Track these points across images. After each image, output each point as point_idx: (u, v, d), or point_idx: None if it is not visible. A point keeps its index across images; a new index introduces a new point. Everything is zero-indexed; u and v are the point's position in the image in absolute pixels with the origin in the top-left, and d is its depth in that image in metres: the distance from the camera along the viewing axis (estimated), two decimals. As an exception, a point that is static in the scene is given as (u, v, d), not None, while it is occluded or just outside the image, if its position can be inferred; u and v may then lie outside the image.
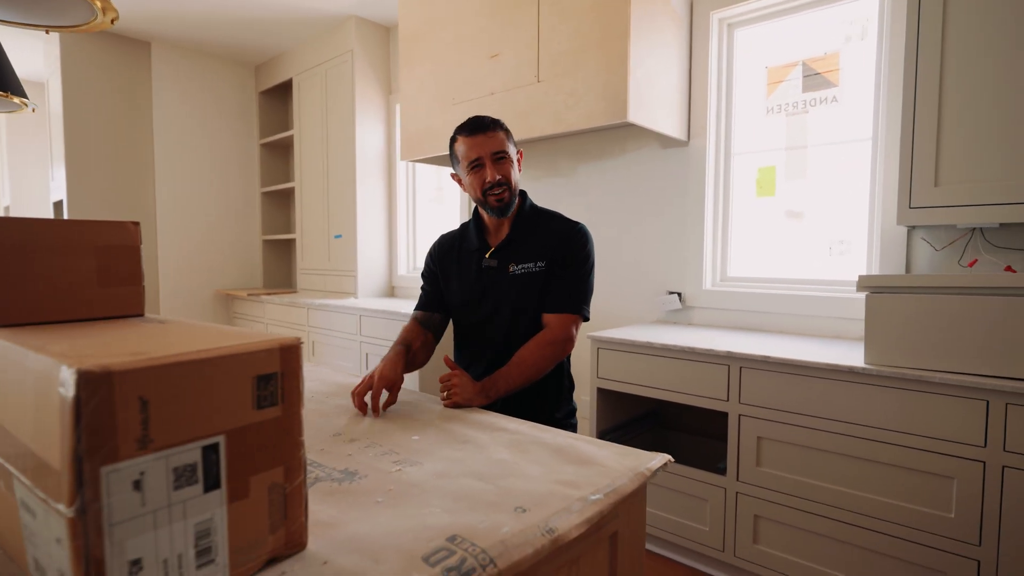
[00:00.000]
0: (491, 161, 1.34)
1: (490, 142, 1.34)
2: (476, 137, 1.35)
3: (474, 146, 1.35)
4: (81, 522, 0.41)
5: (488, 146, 1.34)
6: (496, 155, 1.34)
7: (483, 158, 1.34)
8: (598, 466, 0.81)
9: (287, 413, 0.54)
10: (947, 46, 1.60)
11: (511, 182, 1.35)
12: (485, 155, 1.34)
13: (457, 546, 0.58)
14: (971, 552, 1.43)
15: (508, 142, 1.38)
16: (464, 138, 1.37)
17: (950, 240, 1.82)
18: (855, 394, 1.58)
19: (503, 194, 1.34)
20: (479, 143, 1.34)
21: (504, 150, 1.35)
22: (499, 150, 1.34)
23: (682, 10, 2.32)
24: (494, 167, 1.33)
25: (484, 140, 1.34)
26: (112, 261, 0.70)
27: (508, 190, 1.35)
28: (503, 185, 1.34)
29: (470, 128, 1.36)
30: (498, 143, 1.34)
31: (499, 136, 1.35)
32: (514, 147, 1.41)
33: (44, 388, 0.45)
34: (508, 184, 1.35)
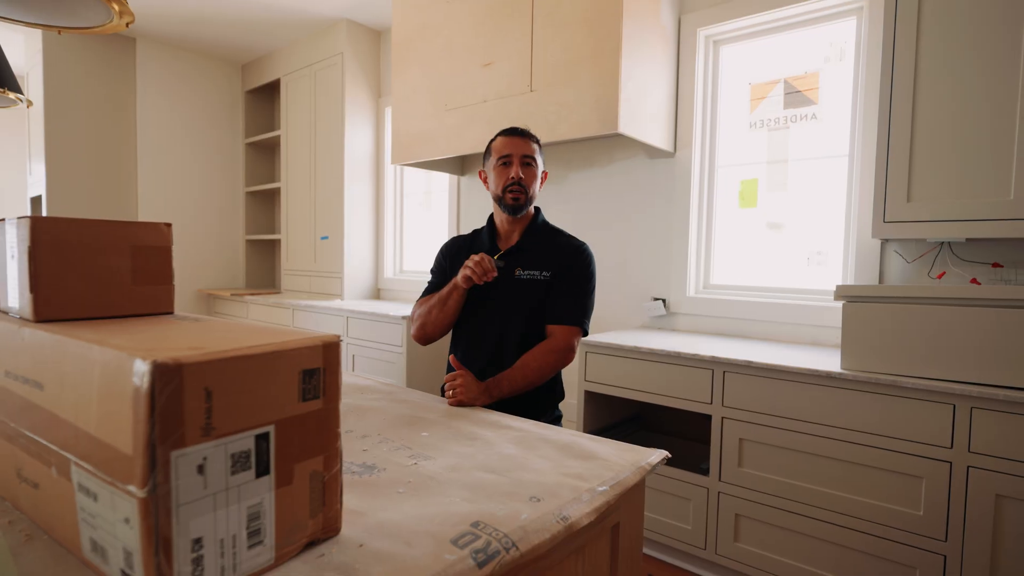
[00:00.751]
0: (519, 162, 1.45)
1: (523, 146, 1.47)
2: (513, 139, 1.48)
3: (509, 144, 1.47)
4: (152, 502, 0.45)
5: (521, 149, 1.46)
6: (525, 158, 1.46)
7: (513, 157, 1.46)
8: (602, 460, 0.86)
9: (327, 406, 0.58)
10: (920, 70, 1.70)
11: (529, 188, 1.47)
12: (516, 155, 1.46)
13: (481, 531, 0.62)
14: (938, 548, 1.52)
15: (539, 155, 1.51)
16: (503, 137, 1.50)
17: (920, 253, 1.92)
18: (832, 398, 1.67)
19: (520, 195, 1.45)
20: (514, 144, 1.47)
21: (533, 156, 1.48)
22: (529, 154, 1.47)
23: (670, 27, 2.40)
24: (520, 167, 1.45)
25: (519, 143, 1.47)
26: (146, 261, 0.73)
27: (525, 193, 1.46)
28: (523, 187, 1.45)
29: (510, 132, 1.50)
30: (530, 149, 1.48)
31: (532, 145, 1.49)
32: (542, 162, 1.53)
33: (112, 379, 0.48)
34: (526, 189, 1.46)
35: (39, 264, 0.64)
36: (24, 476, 0.62)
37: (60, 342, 0.56)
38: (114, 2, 1.06)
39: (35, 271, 0.64)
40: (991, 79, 1.59)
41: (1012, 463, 1.42)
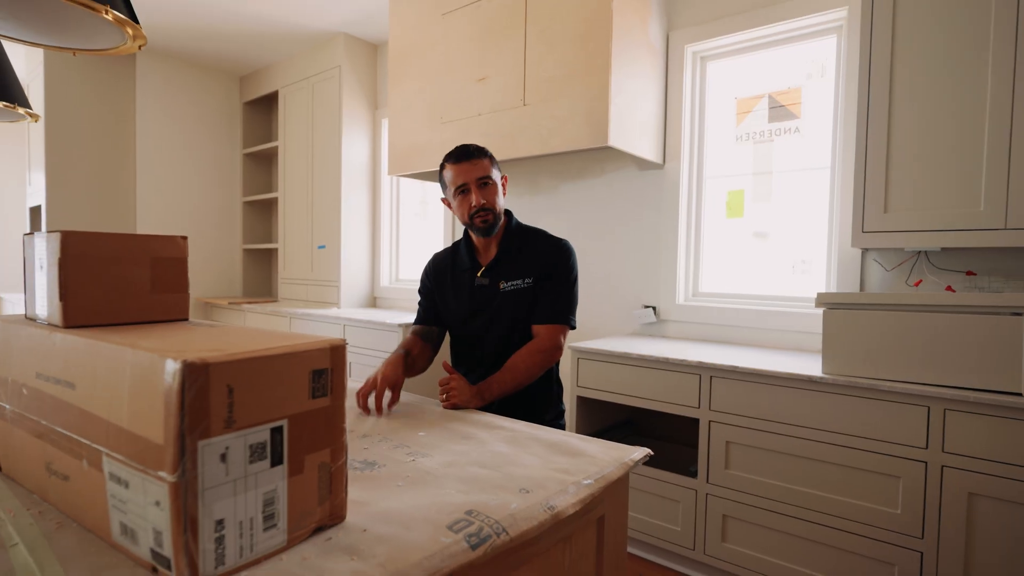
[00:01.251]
0: (476, 187, 1.44)
1: (475, 169, 1.45)
2: (462, 164, 1.45)
3: (460, 173, 1.45)
4: (182, 486, 0.51)
5: (473, 173, 1.44)
6: (481, 180, 1.44)
7: (469, 184, 1.44)
8: (588, 457, 0.92)
9: (334, 403, 0.64)
10: (894, 88, 1.79)
11: (495, 207, 1.46)
12: (471, 181, 1.44)
13: (474, 518, 0.68)
14: (915, 544, 1.58)
15: (492, 168, 1.49)
16: (451, 165, 1.47)
17: (899, 261, 2.00)
18: (814, 401, 1.73)
19: (488, 216, 1.45)
20: (465, 170, 1.45)
21: (488, 175, 1.46)
22: (483, 176, 1.45)
23: (659, 43, 2.49)
24: (479, 192, 1.44)
25: (470, 167, 1.45)
26: (164, 271, 0.78)
27: (492, 213, 1.46)
28: (487, 209, 1.45)
29: (456, 156, 1.46)
30: (482, 169, 1.45)
31: (484, 163, 1.46)
32: (498, 172, 1.52)
33: (143, 377, 0.54)
34: (492, 209, 1.45)
35: (68, 274, 0.70)
36: (54, 469, 0.67)
37: (92, 345, 0.61)
38: (128, 27, 1.12)
39: (64, 281, 0.70)
40: (961, 96, 1.67)
41: (983, 462, 1.49)
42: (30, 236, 0.77)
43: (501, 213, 1.51)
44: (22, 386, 0.72)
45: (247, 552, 0.56)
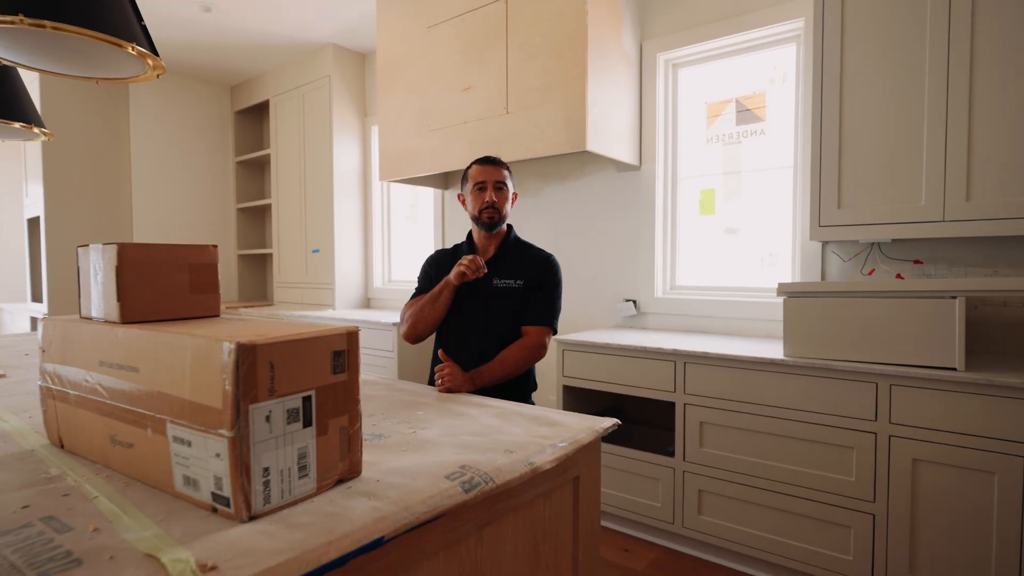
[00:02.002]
0: (492, 187, 1.70)
1: (495, 173, 1.71)
2: (486, 167, 1.72)
3: (483, 172, 1.72)
4: (237, 440, 0.65)
5: (493, 175, 1.71)
6: (497, 183, 1.70)
7: (487, 183, 1.70)
8: (564, 426, 1.07)
9: (350, 378, 0.78)
10: (844, 92, 1.95)
11: (502, 209, 1.71)
12: (489, 181, 1.70)
13: (467, 471, 0.83)
14: (868, 508, 1.75)
15: (509, 179, 1.75)
16: (478, 166, 1.74)
17: (855, 253, 2.17)
18: (777, 382, 1.90)
19: (494, 214, 1.69)
20: (488, 171, 1.71)
21: (504, 182, 1.72)
22: (500, 180, 1.71)
23: (633, 52, 2.65)
24: (494, 192, 1.69)
25: (492, 170, 1.72)
26: (199, 275, 0.93)
27: (498, 213, 1.70)
28: (496, 208, 1.69)
29: (483, 160, 1.75)
30: (501, 175, 1.72)
31: (503, 172, 1.73)
32: (512, 185, 1.77)
33: (203, 358, 0.68)
34: (499, 209, 1.70)
35: (124, 279, 0.84)
36: (118, 440, 0.81)
37: (153, 335, 0.76)
38: (149, 59, 1.26)
39: (121, 285, 0.84)
40: (903, 100, 1.85)
41: (925, 431, 1.66)
42: (85, 248, 0.91)
43: (506, 216, 1.74)
44: (86, 373, 0.85)
45: (286, 495, 0.70)
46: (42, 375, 0.96)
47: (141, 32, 1.24)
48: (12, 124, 1.81)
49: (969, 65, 1.73)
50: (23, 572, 0.55)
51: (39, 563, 0.57)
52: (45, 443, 0.97)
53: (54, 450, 0.93)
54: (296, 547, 0.60)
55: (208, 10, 3.34)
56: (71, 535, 0.63)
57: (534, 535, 0.96)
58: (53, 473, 0.82)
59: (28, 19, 1.06)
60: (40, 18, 1.07)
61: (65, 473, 0.82)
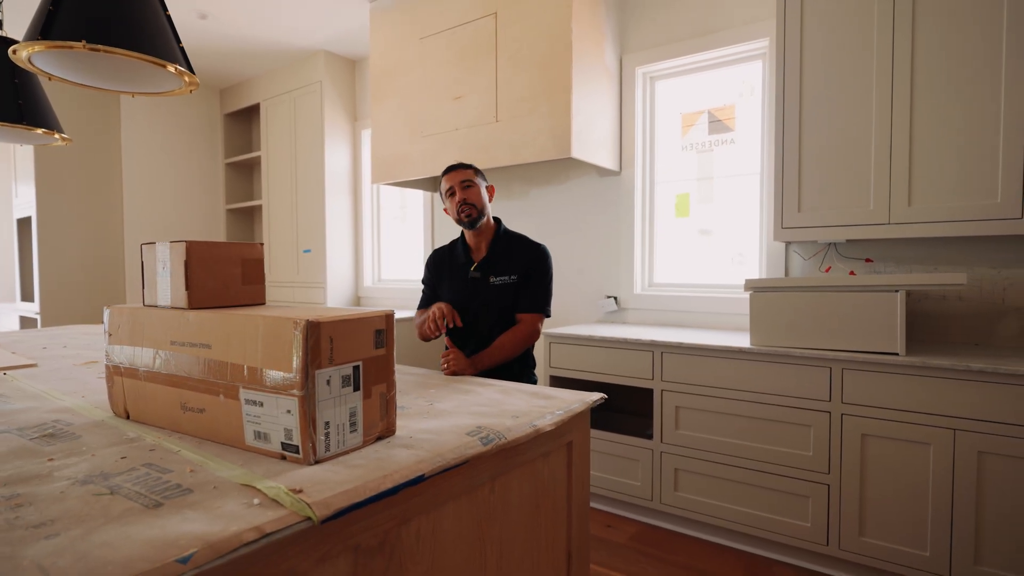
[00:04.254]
0: (460, 188, 1.84)
1: (459, 176, 1.86)
2: (450, 174, 1.87)
3: (449, 180, 1.86)
4: (306, 399, 0.81)
5: (457, 178, 1.85)
6: (463, 183, 1.85)
7: (455, 187, 1.85)
8: (559, 399, 1.24)
9: (388, 353, 0.95)
10: (804, 105, 2.17)
11: (476, 202, 1.84)
12: (456, 184, 1.85)
13: (483, 430, 1.00)
14: (824, 479, 1.96)
15: (476, 177, 1.88)
16: (443, 176, 1.89)
17: (814, 252, 2.39)
18: (743, 368, 2.10)
19: (471, 211, 1.84)
20: (452, 177, 1.86)
21: (470, 179, 1.86)
22: (465, 179, 1.85)
23: (613, 66, 2.84)
24: (462, 192, 1.84)
25: (455, 175, 1.86)
26: (250, 268, 1.08)
27: (475, 208, 1.84)
28: (470, 204, 1.83)
29: (447, 169, 1.89)
30: (465, 175, 1.86)
31: (467, 172, 1.87)
32: (483, 180, 1.90)
33: (274, 334, 0.84)
34: (473, 204, 1.83)
35: (192, 272, 0.99)
36: (189, 407, 0.96)
37: (223, 317, 0.91)
38: (186, 76, 1.40)
39: (189, 276, 0.99)
40: (853, 113, 2.07)
41: (872, 408, 1.87)
42: (150, 245, 1.06)
43: (484, 210, 1.87)
44: (156, 351, 1.00)
45: (341, 445, 0.87)
46: (107, 356, 1.10)
47: (180, 52, 1.39)
48: (36, 131, 1.93)
49: (910, 83, 1.96)
50: (149, 497, 0.71)
51: (159, 491, 0.73)
52: (110, 415, 1.11)
53: (122, 421, 1.08)
54: (358, 479, 0.76)
55: (204, 17, 3.45)
56: (174, 475, 0.79)
57: (535, 488, 1.13)
58: (131, 436, 0.97)
59: (88, 44, 1.20)
60: (97, 43, 1.21)
61: (142, 436, 0.97)
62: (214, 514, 0.66)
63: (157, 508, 0.68)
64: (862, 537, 1.91)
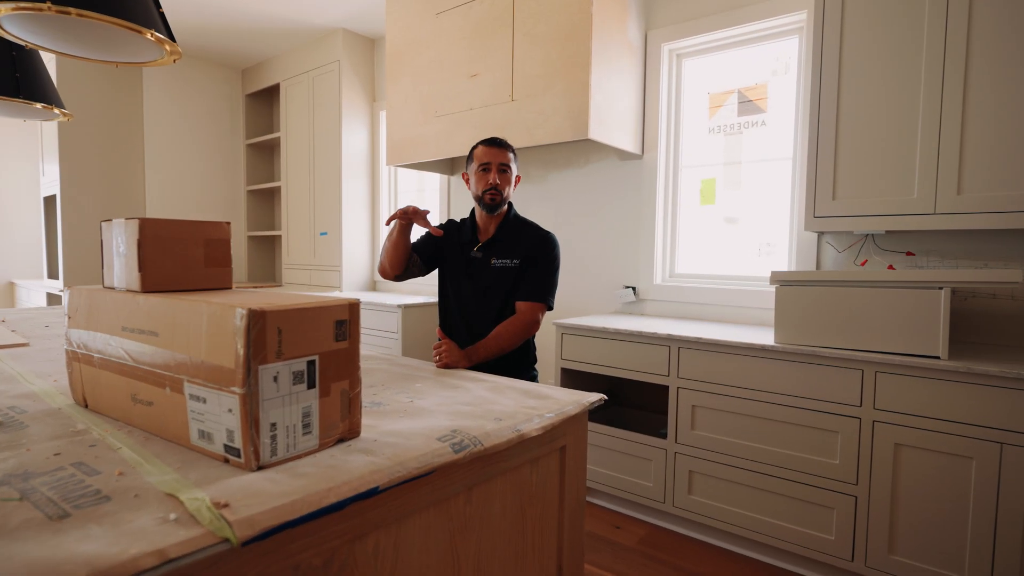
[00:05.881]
0: (497, 169, 1.73)
1: (500, 155, 1.74)
2: (492, 149, 1.75)
3: (488, 154, 1.74)
4: (248, 397, 0.72)
5: (498, 158, 1.74)
6: (501, 166, 1.74)
7: (491, 164, 1.73)
8: (552, 399, 1.13)
9: (351, 346, 0.85)
10: (842, 84, 1.99)
11: (504, 191, 1.74)
12: (494, 163, 1.73)
13: (457, 434, 0.89)
14: (851, 490, 1.81)
15: (514, 162, 1.77)
16: (483, 147, 1.76)
17: (849, 244, 2.21)
18: (766, 367, 1.95)
19: (496, 196, 1.73)
20: (493, 154, 1.74)
21: (508, 164, 1.75)
22: (505, 162, 1.74)
23: (637, 42, 2.67)
24: (497, 174, 1.73)
25: (497, 152, 1.74)
26: (214, 250, 0.99)
27: (500, 195, 1.74)
28: (498, 190, 1.73)
29: (489, 142, 1.76)
30: (506, 158, 1.75)
31: (508, 155, 1.76)
32: (516, 168, 1.79)
33: (218, 323, 0.75)
34: (501, 191, 1.73)
35: (145, 252, 0.91)
36: (139, 399, 0.89)
37: (172, 303, 0.83)
38: (166, 44, 1.32)
39: (142, 256, 0.91)
40: (898, 93, 1.88)
41: (907, 416, 1.71)
42: (109, 223, 0.98)
43: (508, 198, 1.77)
44: (109, 338, 0.93)
45: (292, 449, 0.78)
46: (68, 340, 1.03)
47: (159, 19, 1.30)
48: (34, 105, 1.88)
49: (964, 61, 1.76)
50: (59, 505, 0.63)
51: (73, 498, 0.65)
52: (70, 403, 1.05)
53: (79, 409, 1.01)
54: (299, 491, 0.67)
55: (221, -7, 3.39)
56: (99, 478, 0.71)
57: (520, 498, 1.03)
58: (80, 427, 0.90)
59: (55, 6, 1.12)
60: (66, 5, 1.13)
61: (90, 428, 0.90)
62: (120, 531, 0.57)
63: (62, 520, 0.60)
64: (891, 555, 1.75)
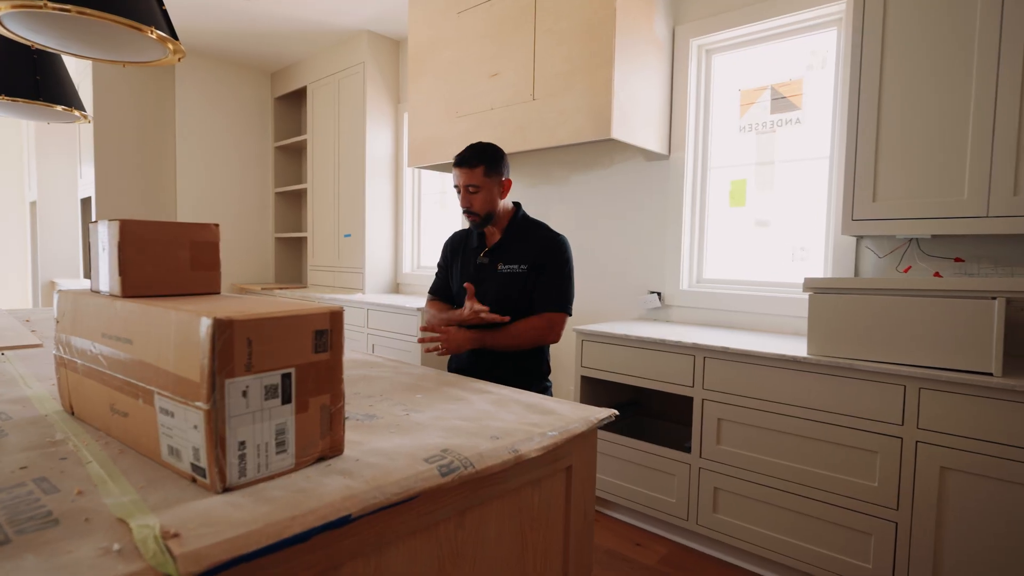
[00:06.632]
0: (465, 192, 1.66)
1: (465, 175, 1.65)
2: (458, 169, 1.67)
3: (457, 175, 1.68)
4: (213, 413, 0.67)
5: (464, 179, 1.65)
6: (469, 187, 1.65)
7: (460, 187, 1.67)
8: (558, 415, 1.06)
9: (333, 357, 0.79)
10: (884, 80, 1.85)
11: (480, 210, 1.66)
12: (461, 185, 1.66)
13: (447, 454, 0.83)
14: (891, 516, 1.68)
15: (487, 175, 1.65)
16: (454, 167, 1.69)
17: (891, 249, 2.06)
18: (798, 380, 1.83)
19: (473, 218, 1.68)
20: (459, 174, 1.67)
21: (476, 184, 1.64)
22: (471, 183, 1.64)
23: (665, 37, 2.57)
24: (466, 197, 1.66)
25: (461, 173, 1.66)
26: (201, 252, 0.95)
27: (477, 216, 1.67)
28: (473, 212, 1.67)
29: (457, 160, 1.68)
30: (471, 177, 1.64)
31: (475, 172, 1.64)
32: (496, 177, 1.68)
33: (185, 332, 0.70)
34: (477, 213, 1.66)
35: (125, 254, 0.87)
36: (116, 409, 0.85)
37: (145, 310, 0.78)
38: (169, 43, 1.29)
39: (123, 259, 0.86)
40: (947, 88, 1.73)
41: (955, 438, 1.57)
42: (95, 224, 0.94)
43: (493, 213, 1.69)
44: (91, 344, 0.89)
45: (263, 469, 0.72)
46: (56, 345, 1.00)
47: (162, 17, 1.27)
48: (55, 107, 1.90)
49: (1023, 50, 1.61)
50: (3, 529, 0.58)
51: (21, 521, 0.60)
52: (59, 409, 1.02)
53: (65, 416, 0.98)
54: (260, 520, 0.61)
55: (248, -3, 3.42)
56: (56, 496, 0.66)
57: (520, 522, 0.95)
58: (58, 438, 0.87)
59: (53, 4, 1.10)
60: (65, 3, 1.11)
61: (68, 438, 0.86)
62: (54, 564, 0.52)
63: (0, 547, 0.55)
64: (935, 587, 1.61)
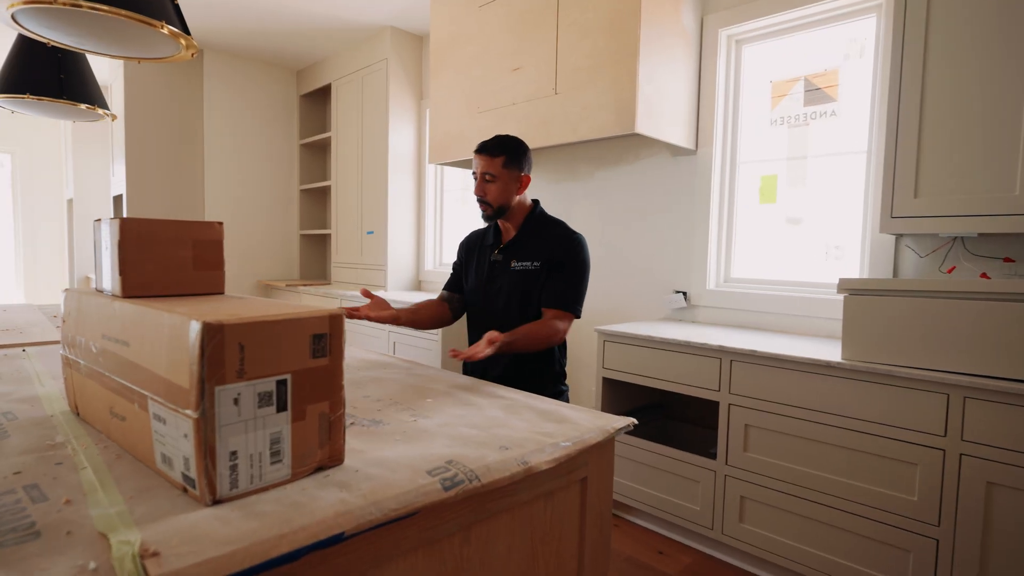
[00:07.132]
0: (480, 180, 1.62)
1: (484, 163, 1.60)
2: (478, 156, 1.63)
3: (475, 162, 1.64)
4: (202, 422, 0.63)
5: (481, 166, 1.61)
6: (485, 175, 1.61)
7: (476, 174, 1.62)
8: (572, 424, 1.00)
9: (332, 363, 0.75)
10: (928, 69, 1.74)
11: (493, 201, 1.62)
12: (478, 172, 1.62)
13: (452, 466, 0.78)
14: (931, 532, 1.58)
15: (505, 166, 1.60)
16: (474, 153, 1.64)
17: (933, 248, 1.95)
18: (831, 386, 1.74)
19: (485, 208, 1.63)
20: (478, 161, 1.62)
21: (492, 172, 1.60)
22: (488, 171, 1.60)
23: (692, 28, 2.48)
24: (481, 185, 1.62)
25: (481, 161, 1.61)
26: (203, 252, 0.92)
27: (489, 207, 1.62)
28: (485, 202, 1.62)
29: (478, 147, 1.63)
30: (490, 165, 1.60)
31: (495, 160, 1.60)
32: (515, 171, 1.62)
33: (176, 335, 0.67)
34: (489, 203, 1.62)
35: (125, 253, 0.84)
36: (115, 412, 0.82)
37: (140, 311, 0.75)
38: (181, 38, 1.27)
39: (122, 259, 0.84)
40: (996, 77, 1.62)
41: (1003, 451, 1.47)
42: (98, 222, 0.93)
43: (506, 206, 1.64)
44: (92, 345, 0.87)
45: (256, 480, 0.69)
46: (63, 344, 0.99)
47: (174, 12, 1.26)
48: (79, 106, 1.91)
49: (1084, 33, 1.49)
50: (-17, 540, 0.56)
51: (2, 532, 0.58)
52: (66, 409, 1.01)
53: (70, 417, 0.97)
54: (247, 537, 0.57)
55: (271, -5, 3.43)
56: (43, 506, 0.64)
57: (531, 536, 0.91)
58: (58, 440, 0.85)
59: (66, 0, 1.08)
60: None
61: (69, 441, 0.85)
62: (25, 582, 0.49)
63: (-25, 561, 0.52)
64: (980, 610, 1.51)
